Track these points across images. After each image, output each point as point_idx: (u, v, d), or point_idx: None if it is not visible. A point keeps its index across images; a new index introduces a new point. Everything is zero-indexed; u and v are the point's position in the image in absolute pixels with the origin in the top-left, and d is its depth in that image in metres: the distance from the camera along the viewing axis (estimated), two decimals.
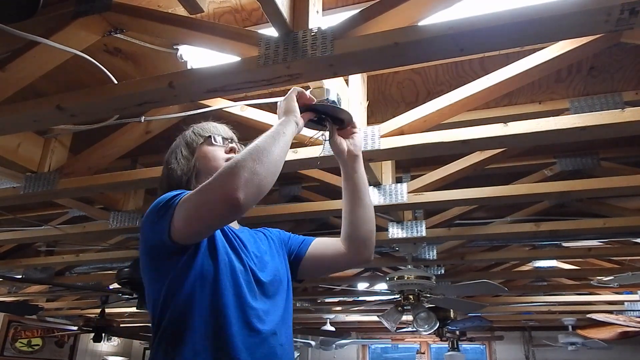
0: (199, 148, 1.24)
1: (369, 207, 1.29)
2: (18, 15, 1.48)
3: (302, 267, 1.30)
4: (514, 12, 1.09)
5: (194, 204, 0.98)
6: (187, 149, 1.24)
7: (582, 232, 2.84)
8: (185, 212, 0.99)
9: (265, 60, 1.29)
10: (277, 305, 1.14)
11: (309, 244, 1.32)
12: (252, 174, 0.95)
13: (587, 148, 2.62)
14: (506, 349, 7.91)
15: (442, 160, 2.47)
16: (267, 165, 0.98)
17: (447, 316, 4.92)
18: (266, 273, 1.16)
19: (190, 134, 1.28)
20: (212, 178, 0.97)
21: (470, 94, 1.80)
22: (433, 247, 3.49)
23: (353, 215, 1.26)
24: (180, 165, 1.22)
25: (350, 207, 1.27)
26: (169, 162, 1.25)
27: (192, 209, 0.98)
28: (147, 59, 1.97)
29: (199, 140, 1.25)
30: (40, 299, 5.85)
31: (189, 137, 1.27)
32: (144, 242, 1.09)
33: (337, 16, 1.62)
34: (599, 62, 1.96)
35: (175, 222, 0.99)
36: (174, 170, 1.22)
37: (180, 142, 1.27)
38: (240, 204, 0.92)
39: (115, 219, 2.83)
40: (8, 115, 1.60)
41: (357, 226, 1.26)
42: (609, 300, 5.25)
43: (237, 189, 0.92)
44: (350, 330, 7.67)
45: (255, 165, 0.96)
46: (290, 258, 1.29)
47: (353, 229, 1.26)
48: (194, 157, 1.23)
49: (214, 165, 1.21)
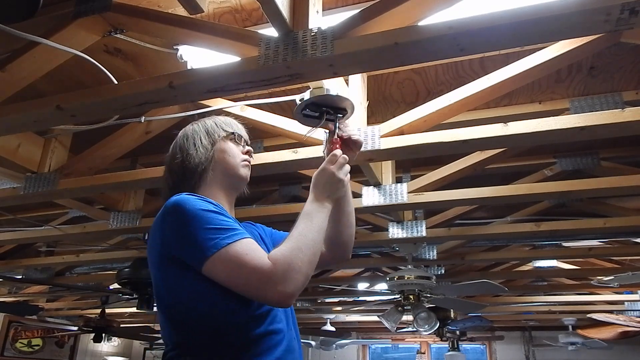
0: (221, 141, 1.21)
1: (352, 214, 1.31)
2: (18, 15, 1.48)
3: None
4: (514, 12, 1.09)
5: (246, 279, 0.94)
6: (208, 138, 1.20)
7: (582, 232, 2.85)
8: (231, 273, 0.94)
9: (265, 60, 1.29)
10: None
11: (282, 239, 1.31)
12: (306, 278, 0.96)
13: (587, 148, 2.62)
14: (506, 349, 7.91)
15: (442, 160, 2.46)
16: (314, 265, 1.00)
17: (447, 316, 4.92)
18: None
19: (212, 124, 1.23)
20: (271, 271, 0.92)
21: (470, 94, 1.80)
22: (433, 247, 3.49)
23: (337, 222, 1.26)
24: (199, 153, 1.17)
25: (335, 215, 1.23)
26: (186, 148, 1.19)
27: (240, 280, 0.94)
28: (147, 59, 1.97)
29: (220, 132, 1.22)
30: (40, 300, 5.85)
31: (210, 127, 1.23)
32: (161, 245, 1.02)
33: (337, 16, 1.62)
34: (599, 62, 1.96)
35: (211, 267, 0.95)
36: (192, 157, 1.17)
37: (200, 130, 1.22)
38: (289, 305, 0.97)
39: (115, 219, 2.83)
40: (8, 116, 1.60)
41: (340, 231, 1.28)
42: (609, 300, 5.25)
43: (293, 296, 0.94)
44: (350, 330, 7.68)
45: (309, 269, 0.97)
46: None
47: (336, 234, 1.27)
48: (212, 148, 1.19)
49: (232, 162, 1.20)
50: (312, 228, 1.02)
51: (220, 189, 1.19)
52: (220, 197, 1.17)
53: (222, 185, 1.19)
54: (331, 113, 1.26)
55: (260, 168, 1.94)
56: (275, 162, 1.93)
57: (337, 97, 1.27)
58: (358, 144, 1.25)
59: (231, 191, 1.21)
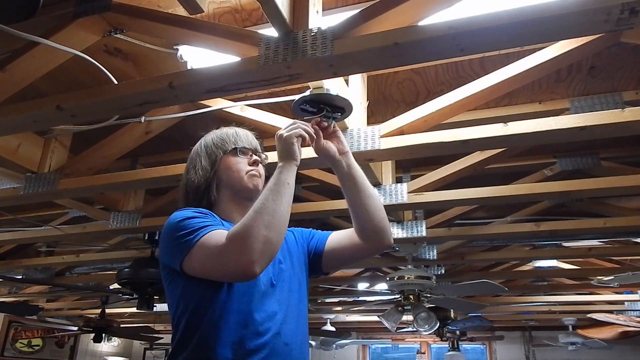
0: (222, 159, 1.24)
1: (376, 196, 1.29)
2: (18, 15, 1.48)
3: (325, 262, 1.31)
4: (514, 12, 1.09)
5: (212, 263, 1.00)
6: (207, 160, 1.24)
7: (582, 232, 2.84)
8: (202, 264, 1.02)
9: (265, 60, 1.29)
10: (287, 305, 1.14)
11: (325, 240, 1.32)
12: (266, 244, 0.96)
13: (587, 148, 2.62)
14: (506, 349, 7.91)
15: (442, 160, 2.46)
16: (277, 227, 1.00)
17: (448, 316, 4.93)
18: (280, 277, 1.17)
19: (211, 145, 1.26)
20: (225, 245, 0.98)
21: (470, 94, 1.80)
22: (433, 247, 3.49)
23: (362, 208, 1.25)
24: (198, 176, 1.22)
25: (358, 200, 1.25)
26: (187, 172, 1.26)
27: (209, 266, 1.01)
28: (147, 59, 1.97)
29: (219, 153, 1.24)
30: (40, 300, 5.85)
31: (210, 148, 1.25)
32: (160, 254, 1.13)
33: (337, 16, 1.62)
34: (599, 61, 1.96)
35: (187, 263, 1.03)
36: (192, 180, 1.23)
37: (201, 152, 1.26)
38: (256, 273, 0.96)
39: (115, 220, 2.83)
40: (8, 116, 1.60)
41: (369, 217, 1.25)
42: (609, 300, 5.25)
43: (253, 263, 0.95)
44: (350, 330, 7.67)
45: (268, 232, 0.97)
46: (310, 255, 1.30)
47: (366, 221, 1.25)
48: (213, 169, 1.22)
49: (237, 177, 1.22)
50: (268, 192, 1.05)
51: (231, 203, 1.22)
52: (234, 211, 1.21)
53: (233, 199, 1.22)
54: (329, 111, 1.26)
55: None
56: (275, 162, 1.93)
57: (336, 97, 1.28)
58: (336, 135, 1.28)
59: (245, 202, 1.21)
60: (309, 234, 1.35)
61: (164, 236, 1.10)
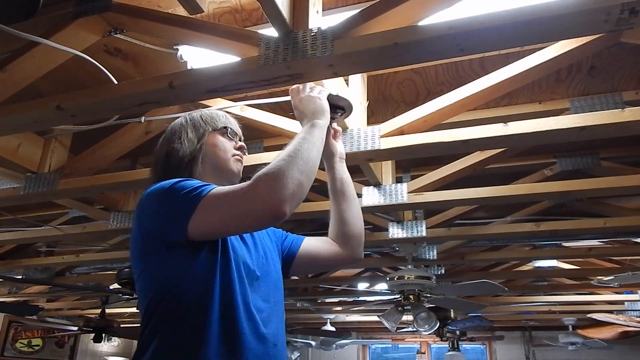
0: (209, 135, 1.22)
1: (358, 205, 1.34)
2: (18, 15, 1.48)
3: (294, 265, 1.30)
4: (514, 12, 1.09)
5: (233, 208, 0.94)
6: (194, 132, 1.21)
7: (582, 232, 2.84)
8: (220, 213, 0.95)
9: (265, 60, 1.29)
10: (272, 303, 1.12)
11: (300, 242, 1.32)
12: (299, 187, 0.94)
13: (587, 148, 2.61)
14: (506, 349, 7.91)
15: (442, 160, 2.47)
16: (308, 175, 0.98)
17: (448, 316, 4.93)
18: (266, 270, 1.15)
19: (199, 119, 1.24)
20: (254, 184, 0.94)
21: (470, 94, 1.80)
22: (433, 247, 3.49)
23: (345, 214, 1.29)
24: (184, 146, 1.18)
25: (342, 206, 1.30)
26: (171, 141, 1.21)
27: (229, 212, 0.95)
28: (147, 59, 1.97)
29: (207, 128, 1.22)
30: (40, 300, 5.85)
31: (197, 121, 1.24)
32: (140, 231, 1.04)
33: (337, 16, 1.62)
34: (599, 61, 1.96)
35: (198, 219, 0.95)
36: (176, 150, 1.18)
37: (187, 124, 1.23)
38: (285, 215, 0.92)
39: (115, 220, 2.83)
40: (8, 116, 1.60)
41: (350, 224, 1.30)
42: (609, 300, 5.25)
43: (285, 202, 0.91)
44: (350, 330, 7.68)
45: (301, 177, 0.96)
46: (282, 255, 1.29)
47: (347, 227, 1.29)
48: (200, 142, 1.20)
49: (223, 156, 1.20)
50: (302, 140, 1.03)
51: (210, 180, 1.16)
52: None
53: (213, 179, 1.17)
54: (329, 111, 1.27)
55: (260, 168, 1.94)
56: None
57: (336, 97, 1.29)
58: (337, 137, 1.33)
59: (223, 183, 1.17)
60: (282, 234, 1.34)
61: (153, 204, 1.02)
